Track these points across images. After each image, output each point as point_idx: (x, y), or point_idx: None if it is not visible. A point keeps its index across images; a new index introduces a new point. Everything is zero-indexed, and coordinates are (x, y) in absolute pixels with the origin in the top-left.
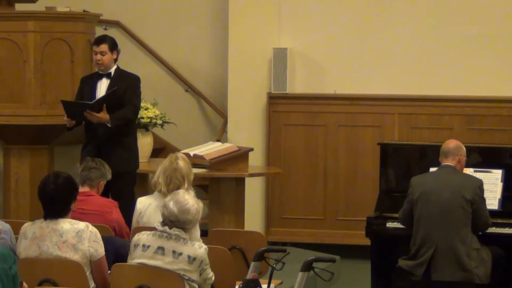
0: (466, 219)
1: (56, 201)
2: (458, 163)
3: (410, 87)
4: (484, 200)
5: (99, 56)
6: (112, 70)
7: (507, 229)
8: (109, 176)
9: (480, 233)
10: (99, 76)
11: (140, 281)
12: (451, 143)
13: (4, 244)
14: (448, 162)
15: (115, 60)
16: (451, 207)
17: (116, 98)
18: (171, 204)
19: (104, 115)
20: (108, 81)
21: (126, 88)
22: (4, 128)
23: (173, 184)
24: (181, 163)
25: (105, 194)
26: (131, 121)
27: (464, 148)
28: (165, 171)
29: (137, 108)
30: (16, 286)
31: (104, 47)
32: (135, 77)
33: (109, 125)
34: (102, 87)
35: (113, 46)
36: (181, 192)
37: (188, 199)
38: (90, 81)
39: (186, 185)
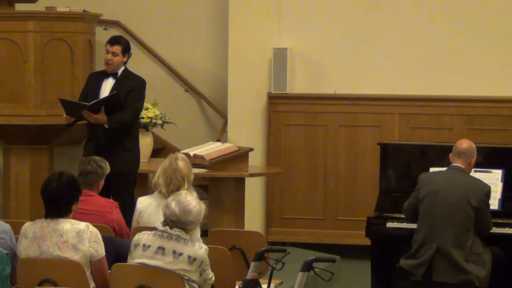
0: (469, 224)
1: (58, 199)
2: (469, 165)
3: (410, 87)
4: (488, 206)
5: (109, 56)
6: (119, 71)
7: (507, 229)
8: (108, 170)
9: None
10: (105, 75)
11: (140, 281)
12: (464, 144)
13: (4, 244)
14: (459, 163)
15: (125, 63)
16: (456, 211)
17: (117, 101)
18: (173, 204)
19: (101, 117)
20: (114, 81)
21: (130, 90)
22: (4, 128)
23: (173, 185)
24: (180, 163)
25: (106, 194)
26: (131, 124)
27: (476, 150)
28: (165, 172)
29: (138, 111)
30: (7, 285)
31: (117, 48)
32: (140, 80)
33: (106, 126)
34: (107, 86)
35: (126, 50)
36: (183, 193)
37: (190, 200)
38: (96, 79)
39: (186, 186)
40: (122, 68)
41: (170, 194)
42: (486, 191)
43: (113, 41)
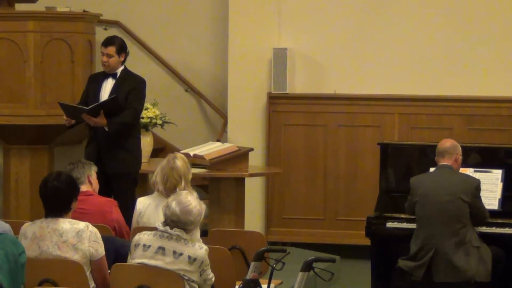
0: (465, 219)
1: (57, 198)
2: (455, 162)
3: (410, 87)
4: (480, 199)
5: (105, 58)
6: (119, 71)
7: (507, 229)
8: (94, 166)
9: (480, 229)
10: (105, 76)
11: (140, 281)
12: (447, 143)
13: None
14: (445, 162)
15: (123, 62)
16: (449, 208)
17: (116, 104)
18: (173, 205)
19: (101, 120)
20: (114, 81)
21: (130, 90)
22: (4, 128)
23: (169, 183)
24: (178, 162)
25: (107, 194)
26: (131, 125)
27: (460, 147)
28: (162, 170)
29: (138, 111)
30: (23, 275)
31: (111, 49)
32: (140, 79)
33: (106, 129)
34: (107, 87)
35: (121, 49)
36: (184, 193)
37: (191, 200)
38: (96, 80)
39: (183, 184)
40: (122, 68)
41: (167, 192)
42: (476, 185)
43: (107, 42)
